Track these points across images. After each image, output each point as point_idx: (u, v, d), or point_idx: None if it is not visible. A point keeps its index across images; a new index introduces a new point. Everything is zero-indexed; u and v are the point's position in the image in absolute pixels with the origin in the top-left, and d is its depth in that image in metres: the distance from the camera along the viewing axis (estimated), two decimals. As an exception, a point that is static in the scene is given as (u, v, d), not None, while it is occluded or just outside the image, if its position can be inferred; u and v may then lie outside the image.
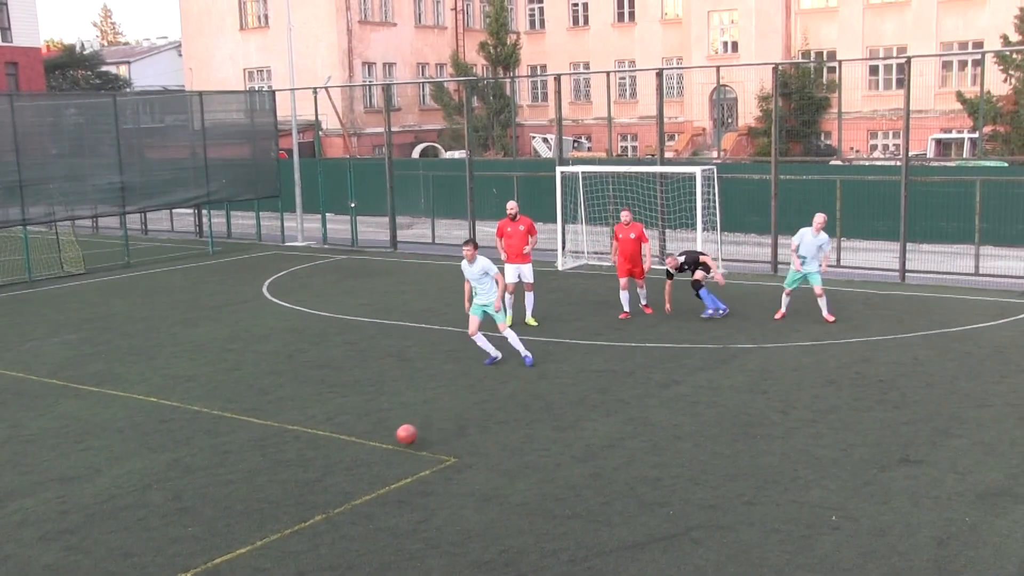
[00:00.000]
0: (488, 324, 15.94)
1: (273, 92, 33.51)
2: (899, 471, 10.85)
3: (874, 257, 24.21)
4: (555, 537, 9.40)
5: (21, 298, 23.49)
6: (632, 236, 19.13)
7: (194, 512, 10.23)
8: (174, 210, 34.36)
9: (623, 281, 19.19)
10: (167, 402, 14.21)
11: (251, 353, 17.09)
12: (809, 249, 18.23)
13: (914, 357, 15.65)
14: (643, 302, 19.53)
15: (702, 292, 18.72)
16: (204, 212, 33.07)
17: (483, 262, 15.47)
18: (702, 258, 18.94)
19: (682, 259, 18.94)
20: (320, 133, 36.75)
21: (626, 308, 19.15)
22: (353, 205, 30.60)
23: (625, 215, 19.52)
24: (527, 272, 18.75)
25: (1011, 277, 21.99)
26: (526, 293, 18.88)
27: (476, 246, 15.61)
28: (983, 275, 22.26)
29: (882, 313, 19.08)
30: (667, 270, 19.12)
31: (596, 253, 25.96)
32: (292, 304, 21.28)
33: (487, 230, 29.92)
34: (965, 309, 19.19)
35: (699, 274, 18.71)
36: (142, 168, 29.46)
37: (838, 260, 23.96)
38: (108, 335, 18.91)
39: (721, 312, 18.77)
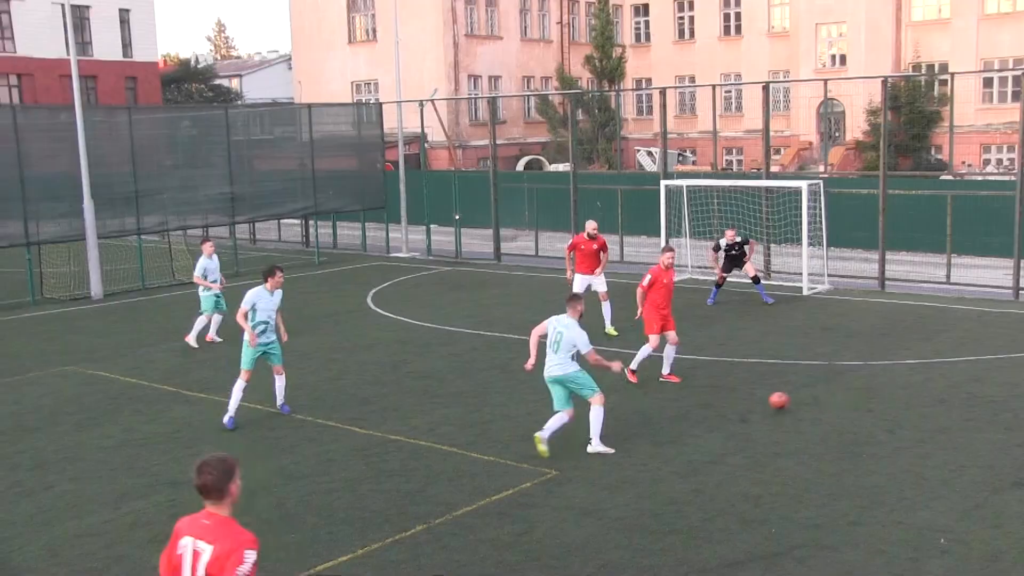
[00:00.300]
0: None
1: (380, 105, 34.02)
2: (1012, 494, 10.49)
3: (987, 274, 23.53)
4: (654, 553, 9.33)
5: (134, 306, 24.24)
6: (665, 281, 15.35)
7: (297, 519, 10.42)
8: (282, 220, 35.09)
9: (653, 339, 15.40)
10: (272, 410, 14.49)
11: (355, 363, 17.35)
12: None
13: (1029, 378, 15.15)
14: (666, 371, 15.58)
15: (759, 286, 21.45)
16: (311, 223, 33.70)
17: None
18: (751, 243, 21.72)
19: (739, 239, 21.43)
20: (426, 145, 37.18)
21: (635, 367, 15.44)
22: (458, 217, 30.85)
23: (667, 257, 15.42)
24: (599, 282, 18.81)
25: None
26: (602, 304, 18.86)
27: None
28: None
29: (995, 332, 18.50)
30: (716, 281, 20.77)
31: (700, 267, 25.72)
32: (396, 315, 21.54)
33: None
34: (1084, 329, 18.51)
35: (749, 267, 21.50)
36: (251, 179, 30.19)
37: (948, 276, 23.36)
38: (216, 343, 19.37)
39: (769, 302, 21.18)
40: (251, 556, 5.64)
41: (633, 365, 15.31)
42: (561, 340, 12.02)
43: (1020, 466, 11.33)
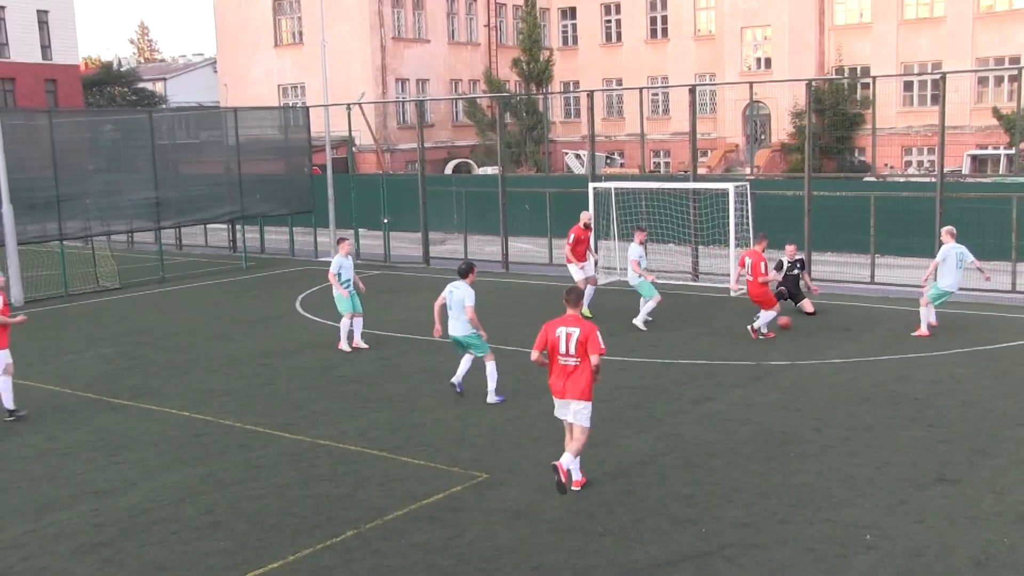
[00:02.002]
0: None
1: (307, 108, 33.79)
2: (935, 490, 10.72)
3: (909, 274, 23.95)
4: (587, 554, 9.36)
5: (58, 312, 23.75)
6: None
7: (227, 526, 10.28)
8: (208, 225, 34.64)
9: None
10: (201, 416, 14.30)
11: (284, 368, 17.18)
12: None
13: (951, 375, 15.48)
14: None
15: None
16: (238, 227, 33.31)
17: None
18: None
19: (800, 256, 21.30)
20: (353, 149, 36.96)
21: None
22: (386, 221, 30.73)
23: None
24: (590, 267, 21.36)
25: (1049, 294, 21.77)
26: (588, 286, 20.67)
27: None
28: (1019, 292, 22.04)
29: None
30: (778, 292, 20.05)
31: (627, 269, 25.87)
32: (325, 319, 21.37)
33: (520, 246, 30.01)
34: (1003, 326, 18.99)
35: (807, 303, 20.66)
36: (177, 184, 29.76)
37: (872, 276, 23.81)
38: (143, 349, 19.07)
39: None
40: (599, 335, 10.74)
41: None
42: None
43: (942, 462, 11.58)
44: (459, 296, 14.36)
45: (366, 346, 18.51)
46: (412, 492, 11.03)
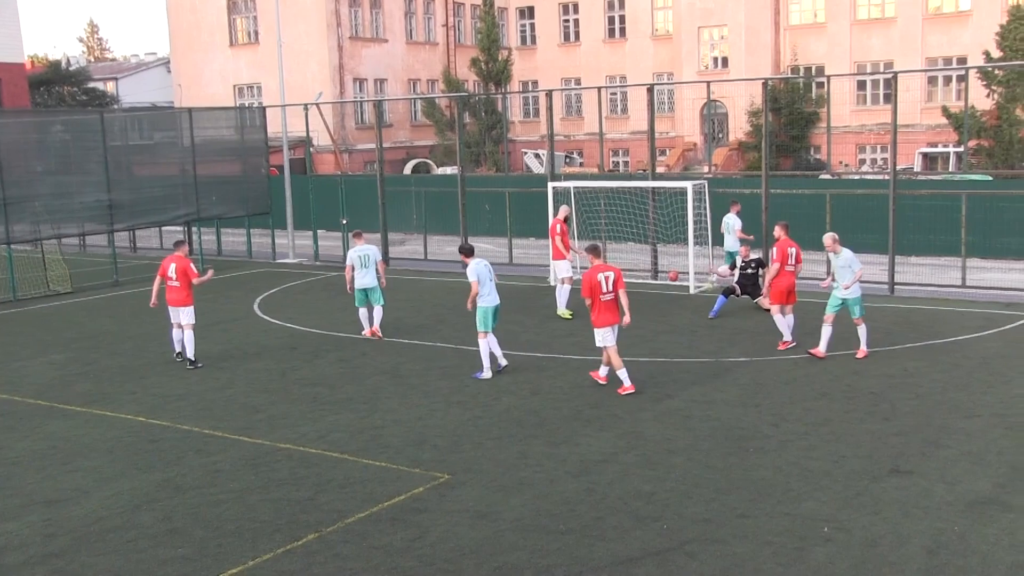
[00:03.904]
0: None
1: (263, 108, 33.54)
2: (890, 482, 10.90)
3: (864, 271, 24.21)
4: (550, 553, 9.41)
5: (6, 318, 23.42)
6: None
7: (185, 533, 10.22)
8: (163, 228, 34.31)
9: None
10: (157, 422, 14.19)
11: (243, 371, 17.08)
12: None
13: (904, 369, 15.73)
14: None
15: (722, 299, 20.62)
16: (194, 229, 33.05)
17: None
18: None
19: (754, 256, 21.19)
20: (311, 149, 36.82)
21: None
22: (345, 222, 30.61)
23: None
24: (568, 266, 21.35)
25: (997, 289, 22.24)
26: (562, 287, 20.77)
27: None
28: (970, 287, 22.42)
29: (872, 326, 19.12)
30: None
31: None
32: (284, 321, 21.28)
33: (480, 246, 29.93)
34: (953, 321, 19.30)
35: (764, 300, 19.79)
36: (131, 185, 29.40)
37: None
38: (96, 354, 18.89)
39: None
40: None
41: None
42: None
43: (897, 454, 11.78)
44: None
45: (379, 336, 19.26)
46: (373, 494, 11.03)
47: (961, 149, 35.30)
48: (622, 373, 14.78)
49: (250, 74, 55.40)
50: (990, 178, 31.77)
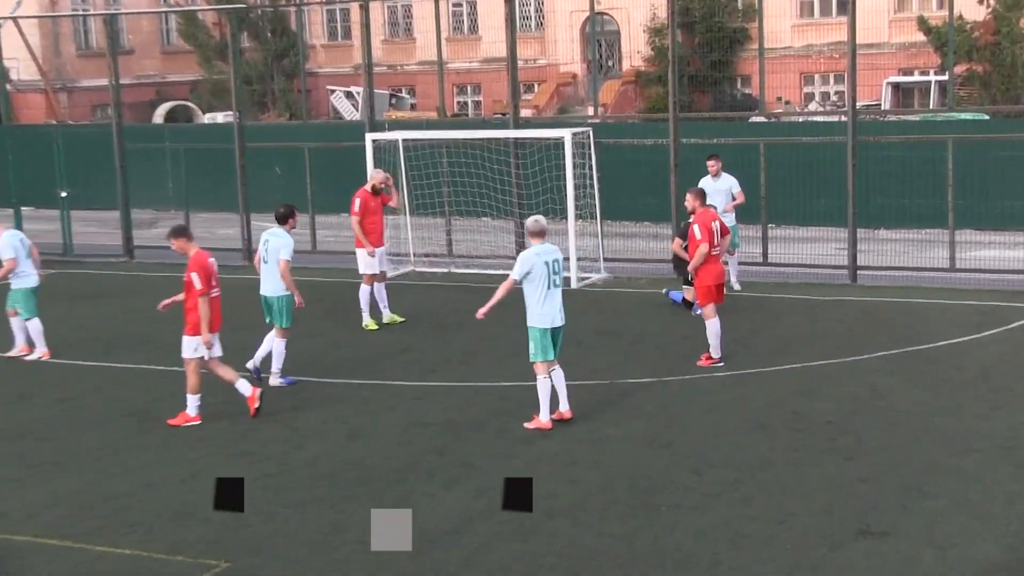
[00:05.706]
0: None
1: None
2: (857, 547, 11.09)
3: (814, 250, 24.63)
4: (375, 668, 9.33)
5: None
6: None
7: None
8: None
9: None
10: None
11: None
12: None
13: (872, 387, 16.11)
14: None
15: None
16: None
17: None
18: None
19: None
20: (7, 87, 35.85)
21: None
22: (64, 195, 29.86)
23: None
24: (382, 256, 21.17)
25: (996, 272, 22.65)
26: (377, 284, 20.83)
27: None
28: (960, 270, 22.93)
29: (827, 326, 19.59)
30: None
31: (427, 256, 25.95)
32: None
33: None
34: (938, 317, 19.83)
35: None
36: None
37: (764, 254, 24.45)
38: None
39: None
40: None
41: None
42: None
43: (866, 508, 12.00)
44: (275, 245, 17.06)
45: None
46: (114, 596, 10.79)
47: (945, 77, 36.38)
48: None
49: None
50: (986, 117, 32.77)
